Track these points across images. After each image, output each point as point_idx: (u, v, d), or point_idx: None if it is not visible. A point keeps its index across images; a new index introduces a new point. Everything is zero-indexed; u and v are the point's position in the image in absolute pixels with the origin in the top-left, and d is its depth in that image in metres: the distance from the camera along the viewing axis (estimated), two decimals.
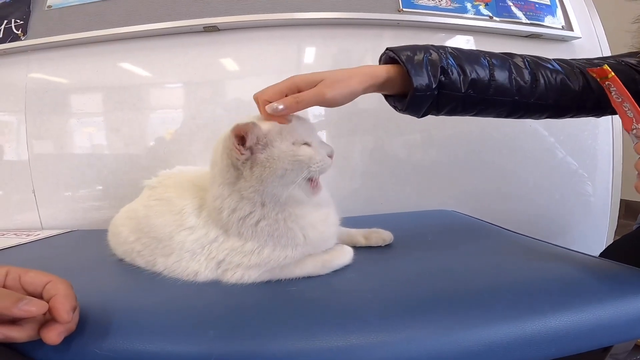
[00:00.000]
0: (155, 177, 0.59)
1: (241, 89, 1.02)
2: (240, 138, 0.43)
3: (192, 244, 0.47)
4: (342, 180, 1.03)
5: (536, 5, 1.08)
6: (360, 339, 0.34)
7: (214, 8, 0.97)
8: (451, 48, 0.53)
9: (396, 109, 0.55)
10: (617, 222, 1.14)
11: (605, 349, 0.40)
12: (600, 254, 0.67)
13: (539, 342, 0.35)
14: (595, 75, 0.42)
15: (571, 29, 1.08)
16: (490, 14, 1.04)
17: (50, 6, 1.02)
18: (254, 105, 0.49)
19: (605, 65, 0.41)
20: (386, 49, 0.53)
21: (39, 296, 0.32)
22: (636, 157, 0.39)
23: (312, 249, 0.48)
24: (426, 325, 0.36)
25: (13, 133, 1.02)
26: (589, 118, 0.63)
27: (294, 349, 0.34)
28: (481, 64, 0.52)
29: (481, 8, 1.04)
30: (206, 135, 1.00)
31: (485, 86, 0.52)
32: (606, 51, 1.10)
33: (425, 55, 0.50)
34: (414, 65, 0.49)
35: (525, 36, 1.07)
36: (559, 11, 1.10)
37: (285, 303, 0.41)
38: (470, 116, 0.57)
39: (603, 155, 1.12)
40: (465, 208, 0.95)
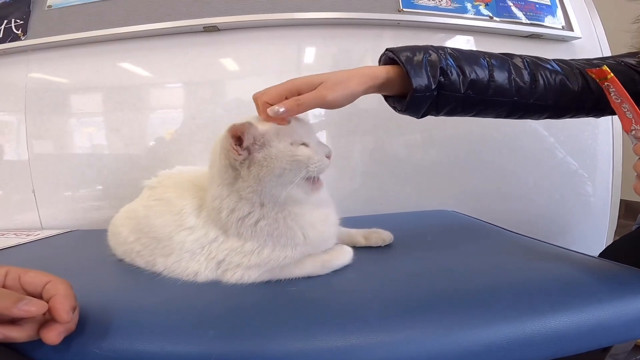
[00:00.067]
0: (155, 177, 0.59)
1: (241, 89, 1.02)
2: (237, 138, 0.43)
3: (192, 244, 0.47)
4: (342, 180, 1.03)
5: (536, 6, 1.08)
6: (360, 339, 0.34)
7: (214, 8, 0.97)
8: (451, 49, 0.53)
9: (396, 109, 0.56)
10: (617, 222, 1.14)
11: (605, 349, 0.40)
12: (599, 254, 0.67)
13: (538, 343, 0.35)
14: (594, 76, 0.42)
15: (571, 29, 1.08)
16: (490, 14, 1.04)
17: (50, 6, 1.02)
18: (254, 105, 0.49)
19: (605, 66, 0.41)
20: (386, 50, 0.54)
21: (39, 296, 0.32)
22: (635, 158, 0.39)
23: (312, 249, 0.48)
24: (426, 325, 0.36)
25: (13, 133, 1.02)
26: (589, 118, 0.63)
27: (293, 349, 0.34)
28: (480, 65, 0.52)
29: (481, 8, 1.04)
30: (206, 136, 1.00)
31: (484, 87, 0.52)
32: (606, 51, 1.10)
33: (425, 56, 0.50)
34: (413, 66, 0.49)
35: (526, 36, 1.07)
36: (559, 11, 1.10)
37: (285, 303, 0.41)
38: (469, 117, 0.57)
39: (603, 156, 1.12)
40: (465, 208, 0.95)
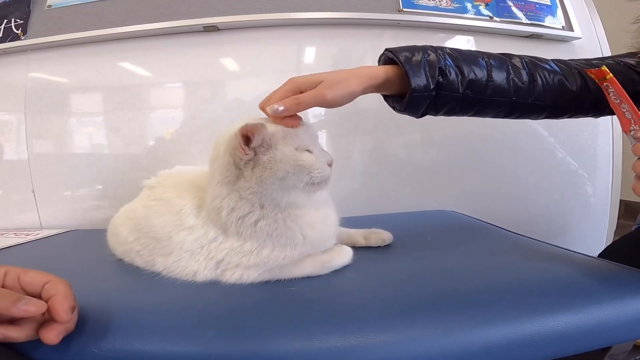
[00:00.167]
0: (154, 177, 0.59)
1: (241, 89, 1.02)
2: (246, 138, 0.43)
3: (191, 243, 0.47)
4: (342, 180, 1.03)
5: (536, 6, 1.08)
6: (360, 340, 0.34)
7: (214, 8, 0.97)
8: (449, 49, 0.53)
9: (395, 109, 0.56)
10: (617, 223, 1.14)
11: (604, 349, 0.40)
12: (599, 254, 0.67)
13: (538, 343, 0.35)
14: (593, 76, 0.42)
15: (571, 29, 1.08)
16: (490, 14, 1.04)
17: (50, 6, 1.02)
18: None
19: (604, 67, 0.41)
20: (385, 50, 0.54)
21: (38, 296, 0.32)
22: (634, 159, 0.39)
23: (312, 249, 0.48)
24: (426, 325, 0.36)
25: (13, 132, 1.02)
26: (589, 118, 0.63)
27: (293, 349, 0.34)
28: (479, 65, 0.52)
29: (481, 8, 1.04)
30: (206, 135, 0.99)
31: (482, 87, 0.52)
32: (606, 51, 1.10)
33: (424, 56, 0.50)
34: (412, 66, 0.49)
35: (526, 36, 1.07)
36: (559, 11, 1.09)
37: (284, 303, 0.41)
38: (468, 116, 0.58)
39: (603, 156, 1.12)
40: (465, 208, 0.95)
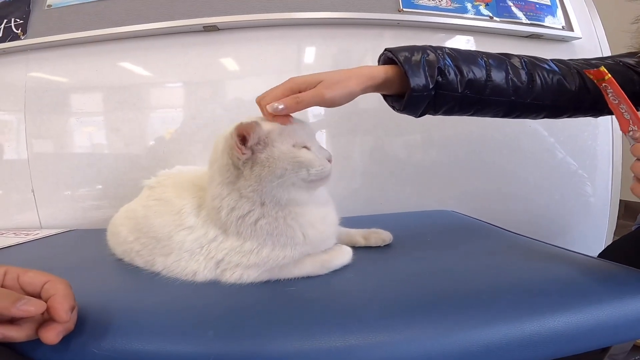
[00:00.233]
0: (154, 177, 0.59)
1: (241, 89, 1.02)
2: (242, 137, 0.43)
3: (191, 243, 0.47)
4: (342, 180, 1.03)
5: (536, 6, 1.08)
6: (360, 340, 0.34)
7: (214, 8, 0.97)
8: (449, 48, 0.53)
9: (394, 108, 0.56)
10: (617, 223, 1.14)
11: (604, 349, 0.40)
12: (599, 255, 0.67)
13: (537, 343, 0.35)
14: (592, 76, 0.42)
15: (571, 29, 1.08)
16: (490, 14, 1.04)
17: (50, 5, 1.02)
18: (255, 105, 0.49)
19: (602, 67, 0.41)
20: (385, 50, 0.54)
21: (38, 296, 0.32)
22: (633, 159, 0.39)
23: (311, 248, 0.48)
24: (425, 325, 0.36)
25: (13, 132, 1.02)
26: (589, 118, 0.63)
27: (293, 349, 0.34)
28: (478, 65, 0.53)
29: (481, 8, 1.04)
30: (206, 135, 0.99)
31: (481, 86, 0.52)
32: (606, 51, 1.10)
33: (423, 56, 0.51)
34: (411, 65, 0.50)
35: (526, 36, 1.07)
36: (559, 11, 1.09)
37: (284, 303, 0.41)
38: (467, 116, 0.58)
39: (603, 156, 1.12)
40: (465, 208, 0.95)
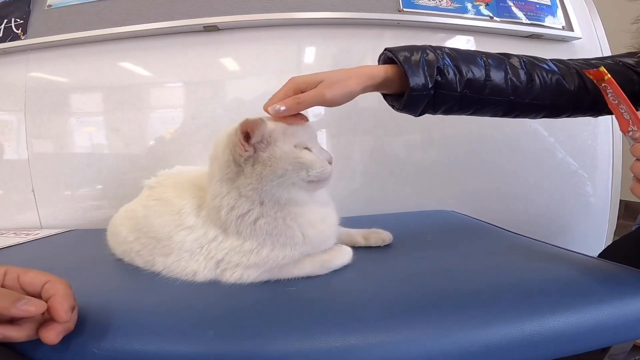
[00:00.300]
0: (154, 177, 0.59)
1: (241, 89, 1.02)
2: (246, 134, 0.43)
3: (191, 243, 0.47)
4: (342, 180, 1.03)
5: (537, 6, 1.08)
6: (360, 340, 0.34)
7: (214, 8, 0.97)
8: (448, 48, 0.54)
9: (394, 107, 0.56)
10: (617, 223, 1.14)
11: (604, 349, 0.40)
12: (599, 255, 0.67)
13: (537, 343, 0.35)
14: (591, 76, 0.42)
15: (572, 29, 1.08)
16: (490, 14, 1.04)
17: (50, 5, 1.02)
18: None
19: (602, 67, 0.41)
20: (384, 49, 0.54)
21: (38, 296, 0.32)
22: (633, 159, 0.39)
23: (311, 248, 0.48)
24: (425, 325, 0.36)
25: (13, 132, 1.02)
26: (589, 118, 0.63)
27: (293, 349, 0.34)
28: (477, 64, 0.53)
29: (481, 8, 1.04)
30: (206, 135, 0.99)
31: (481, 86, 0.53)
32: (606, 51, 1.10)
33: (422, 56, 0.51)
34: (411, 65, 0.50)
35: (526, 36, 1.07)
36: (559, 11, 1.09)
37: (284, 303, 0.41)
38: (466, 115, 0.58)
39: (603, 156, 1.12)
40: (465, 208, 0.95)
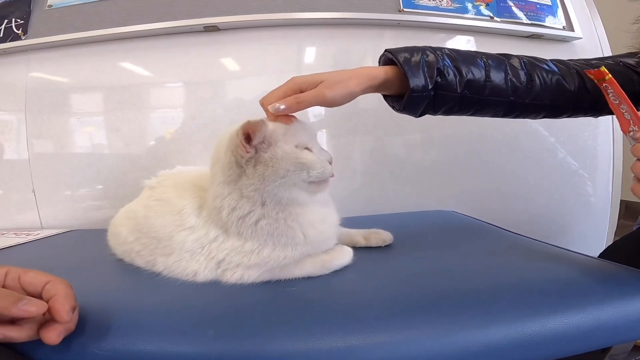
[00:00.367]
0: (154, 177, 0.59)
1: (241, 89, 1.02)
2: (247, 136, 0.43)
3: (192, 243, 0.47)
4: (342, 180, 1.03)
5: (537, 6, 1.08)
6: (360, 340, 0.34)
7: (215, 8, 0.97)
8: (448, 49, 0.54)
9: (394, 108, 0.56)
10: (617, 223, 1.14)
11: (605, 349, 0.40)
12: (599, 255, 0.67)
13: (538, 343, 0.35)
14: (592, 76, 0.42)
15: (572, 29, 1.08)
16: (491, 14, 1.04)
17: (50, 6, 1.02)
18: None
19: (603, 67, 0.41)
20: (385, 51, 0.54)
21: (39, 296, 0.32)
22: (633, 159, 0.39)
23: (312, 248, 0.48)
24: (426, 325, 0.36)
25: (13, 132, 1.02)
26: (589, 118, 0.63)
27: (293, 349, 0.34)
28: (477, 65, 0.53)
29: (482, 8, 1.04)
30: (206, 135, 0.99)
31: (481, 87, 0.53)
32: (607, 52, 1.10)
33: (422, 57, 0.51)
34: (411, 66, 0.50)
35: (526, 36, 1.07)
36: (559, 11, 1.09)
37: (285, 303, 0.41)
38: (467, 115, 0.58)
39: (603, 156, 1.12)
40: (465, 208, 0.95)
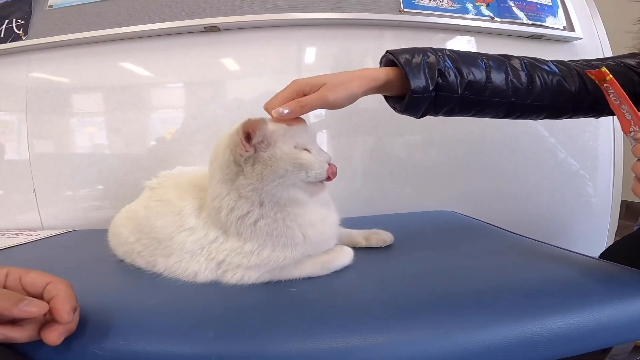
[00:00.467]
0: (155, 178, 0.59)
1: (242, 89, 1.02)
2: (247, 134, 0.43)
3: (192, 244, 0.47)
4: (342, 181, 1.03)
5: (537, 6, 1.08)
6: (360, 340, 0.34)
7: (215, 8, 0.97)
8: (449, 50, 0.54)
9: (395, 109, 0.56)
10: (618, 223, 1.14)
11: (605, 350, 0.40)
12: (600, 255, 0.67)
13: (538, 344, 0.35)
14: (593, 77, 0.42)
15: (573, 29, 1.08)
16: (491, 15, 1.04)
17: (51, 6, 1.02)
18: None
19: (604, 68, 0.41)
20: (386, 52, 0.54)
21: (40, 297, 0.32)
22: (634, 160, 0.39)
23: (312, 249, 0.48)
24: (426, 326, 0.36)
25: (14, 133, 1.02)
26: (590, 119, 0.63)
27: (293, 350, 0.34)
28: (478, 66, 0.53)
29: (482, 9, 1.04)
30: (207, 136, 0.99)
31: (481, 88, 0.53)
32: (607, 52, 1.10)
33: (423, 58, 0.51)
34: (412, 68, 0.50)
35: (527, 37, 1.07)
36: (560, 12, 1.09)
37: (285, 304, 0.41)
38: (468, 116, 0.58)
39: (604, 156, 1.12)
40: (465, 208, 0.95)
